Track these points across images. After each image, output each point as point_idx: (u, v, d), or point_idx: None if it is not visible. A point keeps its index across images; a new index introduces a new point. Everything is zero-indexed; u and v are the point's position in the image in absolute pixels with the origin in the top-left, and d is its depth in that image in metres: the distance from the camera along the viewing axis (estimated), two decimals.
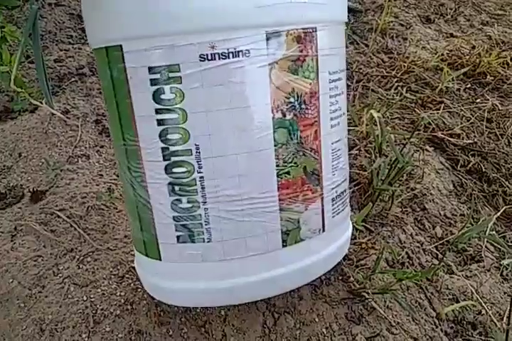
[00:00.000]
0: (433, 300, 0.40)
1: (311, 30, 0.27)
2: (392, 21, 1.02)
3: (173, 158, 0.27)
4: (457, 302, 0.40)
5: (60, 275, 0.36)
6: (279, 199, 0.28)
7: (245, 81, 0.25)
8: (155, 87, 0.25)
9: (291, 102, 0.27)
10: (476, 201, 0.56)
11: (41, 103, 0.56)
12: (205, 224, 0.28)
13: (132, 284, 0.36)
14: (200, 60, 0.25)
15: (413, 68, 0.82)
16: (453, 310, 0.40)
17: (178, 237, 0.28)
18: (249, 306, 0.35)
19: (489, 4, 1.15)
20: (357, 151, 0.56)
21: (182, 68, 0.25)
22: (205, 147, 0.26)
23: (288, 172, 0.28)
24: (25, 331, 0.33)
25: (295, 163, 0.28)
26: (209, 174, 0.27)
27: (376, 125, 0.53)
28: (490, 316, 0.40)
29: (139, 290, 0.36)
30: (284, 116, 0.27)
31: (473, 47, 0.90)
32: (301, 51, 0.26)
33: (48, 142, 0.53)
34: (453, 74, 0.76)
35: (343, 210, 0.33)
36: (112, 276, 0.36)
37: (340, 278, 0.39)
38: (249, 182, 0.27)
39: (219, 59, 0.25)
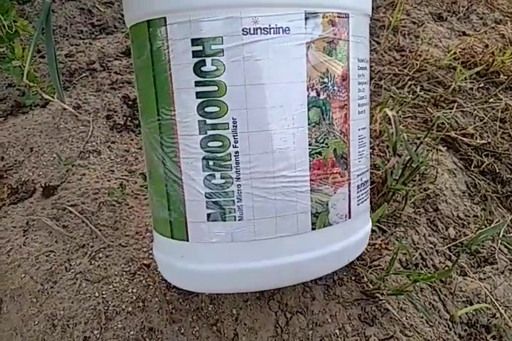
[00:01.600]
0: (447, 303, 0.40)
1: (344, 16, 0.28)
2: (404, 19, 1.01)
3: (210, 132, 0.27)
4: (471, 304, 0.40)
5: (72, 270, 0.36)
6: (311, 180, 0.28)
7: (284, 57, 0.26)
8: (196, 59, 0.26)
9: (325, 82, 0.28)
10: (489, 202, 0.55)
11: (53, 98, 0.56)
12: (237, 202, 0.27)
13: (144, 281, 0.36)
14: (243, 34, 0.25)
15: (425, 66, 0.81)
16: (467, 313, 0.39)
17: (208, 215, 0.28)
18: (262, 305, 0.35)
19: (502, 2, 1.13)
20: (370, 150, 0.55)
21: (225, 41, 0.25)
22: (242, 121, 0.26)
23: (319, 153, 0.28)
24: (37, 326, 0.33)
25: (326, 143, 0.28)
26: (244, 149, 0.27)
27: (390, 123, 0.52)
28: (504, 319, 0.39)
29: (151, 287, 0.35)
30: (318, 95, 0.28)
31: (487, 46, 0.89)
32: (335, 34, 0.28)
33: (59, 137, 0.52)
34: (466, 73, 0.75)
35: (365, 200, 0.33)
36: (124, 273, 0.36)
37: (353, 278, 0.38)
38: (283, 160, 0.27)
39: (261, 34, 0.26)
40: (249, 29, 0.25)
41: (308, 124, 0.27)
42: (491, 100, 0.76)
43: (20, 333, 0.32)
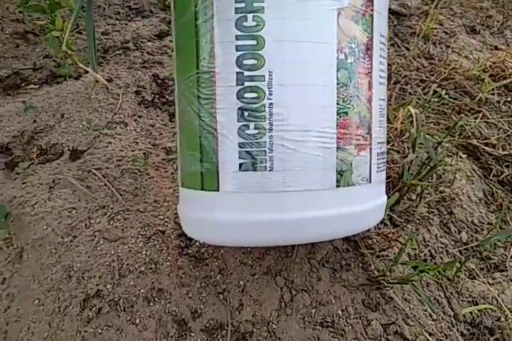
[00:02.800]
0: (452, 300, 0.40)
1: None
2: (436, 28, 1.00)
3: (246, 83, 0.28)
4: (476, 305, 0.40)
5: (92, 228, 0.37)
6: (337, 138, 0.29)
7: (318, 19, 0.28)
8: (238, 15, 0.28)
9: (352, 47, 0.29)
10: (505, 211, 0.55)
11: (87, 67, 0.58)
12: (269, 152, 0.28)
13: (158, 246, 0.37)
14: None
15: (453, 75, 0.81)
16: (471, 313, 0.39)
17: (240, 165, 0.29)
18: (268, 280, 0.36)
19: None
20: (390, 146, 0.55)
21: None
22: (278, 74, 0.28)
23: (346, 113, 0.29)
24: (54, 275, 0.34)
25: (352, 105, 0.30)
26: (278, 101, 0.28)
27: (412, 122, 0.52)
28: (509, 324, 0.39)
29: (164, 252, 0.36)
30: (346, 58, 0.29)
31: None
32: (362, 5, 0.30)
33: (89, 106, 0.54)
34: (494, 85, 0.75)
35: (383, 170, 0.34)
36: (140, 236, 0.37)
37: (360, 265, 0.39)
38: (313, 115, 0.29)
39: None
40: None
41: (337, 84, 0.29)
42: None
43: (38, 280, 0.34)
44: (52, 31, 0.62)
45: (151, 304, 0.33)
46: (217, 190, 0.30)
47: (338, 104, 0.29)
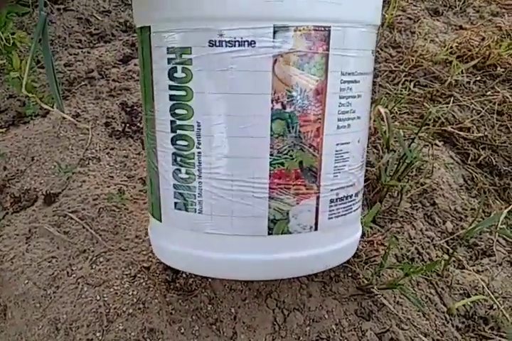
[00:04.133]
0: (443, 296, 0.40)
1: (323, 29, 0.27)
2: (399, 15, 1.01)
3: (179, 131, 0.29)
4: (468, 297, 0.40)
5: (74, 275, 0.37)
6: (270, 188, 0.29)
7: (247, 69, 0.27)
8: (170, 66, 0.28)
9: (292, 96, 0.28)
10: (487, 195, 0.55)
11: (52, 107, 0.57)
12: (198, 196, 0.30)
13: (144, 283, 0.37)
14: (209, 46, 0.27)
15: (421, 62, 0.82)
16: (464, 305, 0.39)
17: (175, 204, 0.31)
18: (259, 303, 0.36)
19: None
20: None
21: (193, 51, 0.27)
22: (205, 125, 0.28)
23: (282, 163, 0.29)
24: (41, 330, 0.34)
25: (290, 155, 0.29)
26: (206, 151, 0.29)
27: (383, 120, 0.52)
28: (502, 311, 0.39)
29: (151, 289, 0.36)
30: (284, 108, 0.28)
31: (483, 39, 0.88)
32: (310, 48, 0.27)
33: (59, 145, 0.54)
34: (462, 67, 0.75)
35: (344, 215, 0.33)
36: (124, 276, 0.37)
37: (349, 274, 0.39)
38: (242, 166, 0.29)
39: (226, 46, 0.27)
40: (215, 41, 0.27)
41: (271, 135, 0.28)
42: (488, 93, 0.76)
43: (25, 337, 0.34)
44: (11, 72, 0.62)
45: None
46: (161, 221, 0.33)
47: (271, 155, 0.28)
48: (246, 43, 0.26)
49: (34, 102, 0.62)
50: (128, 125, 0.60)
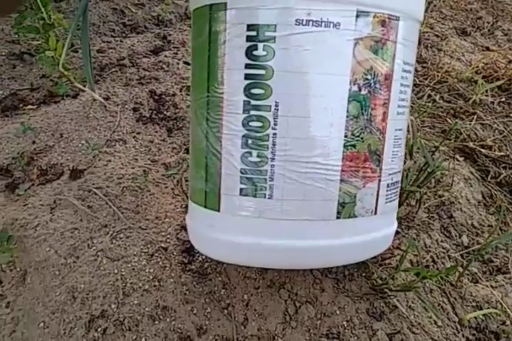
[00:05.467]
0: (456, 306, 0.40)
1: (394, 18, 0.29)
2: (427, 32, 1.01)
3: (252, 112, 0.28)
4: (481, 310, 0.40)
5: (94, 248, 0.37)
6: (342, 170, 0.29)
7: (331, 50, 0.28)
8: (249, 44, 0.28)
9: (367, 79, 0.29)
10: (505, 213, 0.55)
11: (84, 87, 0.58)
12: (269, 180, 0.29)
13: (161, 263, 0.37)
14: (296, 24, 0.27)
15: (446, 78, 0.82)
16: (476, 318, 0.39)
17: (241, 190, 0.29)
18: (272, 293, 0.36)
19: None
20: None
21: (278, 29, 0.27)
22: (284, 105, 0.28)
23: (354, 146, 0.29)
24: (58, 297, 0.34)
25: (362, 138, 0.29)
26: (282, 132, 0.28)
27: (408, 129, 0.53)
28: None
29: (167, 268, 0.37)
30: (360, 90, 0.29)
31: (510, 62, 0.89)
32: (384, 34, 0.29)
33: (88, 125, 0.55)
34: (487, 87, 0.75)
35: (394, 200, 0.34)
36: (142, 254, 0.37)
37: (363, 274, 0.39)
38: (318, 148, 0.29)
39: (312, 26, 0.27)
40: (302, 20, 0.27)
41: (347, 117, 0.29)
42: None
43: (42, 302, 0.34)
44: (47, 51, 0.63)
45: (156, 322, 0.33)
46: (218, 210, 0.31)
47: (346, 136, 0.29)
48: (331, 24, 0.27)
49: (67, 82, 0.63)
50: (155, 112, 0.61)
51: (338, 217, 0.30)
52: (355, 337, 0.34)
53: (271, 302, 0.35)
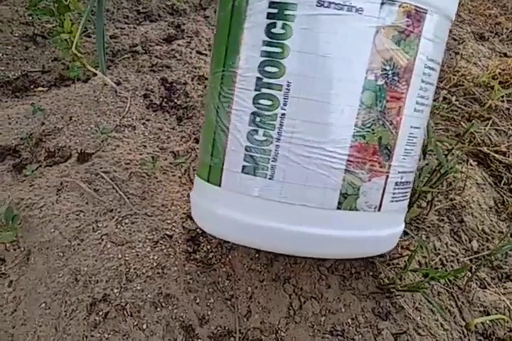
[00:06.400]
0: (463, 310, 0.39)
1: (421, 11, 0.28)
2: None
3: (264, 90, 0.28)
4: (488, 315, 0.39)
5: (99, 231, 0.37)
6: (348, 160, 0.28)
7: (351, 35, 0.27)
8: (269, 21, 0.28)
9: (385, 69, 0.28)
10: None
11: (96, 69, 0.58)
12: (272, 161, 0.28)
13: (165, 250, 0.36)
14: (317, 5, 0.27)
15: (462, 82, 0.81)
16: (483, 323, 0.38)
17: (243, 167, 0.29)
18: (277, 287, 0.35)
19: None
20: None
21: (299, 8, 0.27)
22: (296, 86, 0.27)
23: (363, 136, 0.28)
24: (61, 279, 0.34)
25: (372, 129, 0.28)
26: (291, 113, 0.28)
27: None
28: None
29: (171, 256, 0.36)
30: (376, 80, 0.28)
31: None
32: (408, 26, 0.28)
33: (97, 109, 0.54)
34: (503, 92, 0.74)
35: (402, 201, 0.32)
36: (147, 240, 0.37)
37: (370, 273, 0.38)
38: (325, 133, 0.28)
39: (334, 8, 0.27)
40: (324, 2, 0.26)
41: (359, 105, 0.28)
42: None
43: (45, 283, 0.34)
44: (61, 34, 0.62)
45: (159, 309, 0.32)
46: (219, 185, 0.31)
47: (356, 125, 0.28)
48: (354, 9, 0.26)
49: (79, 66, 0.62)
50: (166, 100, 0.60)
51: (338, 208, 0.29)
52: (360, 336, 0.33)
53: (275, 296, 0.35)
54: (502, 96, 0.76)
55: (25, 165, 0.46)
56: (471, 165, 0.61)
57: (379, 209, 0.30)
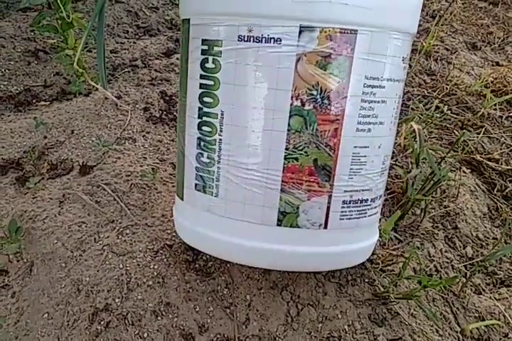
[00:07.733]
0: (458, 316, 0.40)
1: (349, 32, 0.28)
2: (437, 45, 1.02)
3: (204, 118, 0.32)
4: (483, 321, 0.40)
5: (101, 242, 0.38)
6: (282, 181, 0.30)
7: (272, 65, 0.28)
8: (203, 56, 0.31)
9: (312, 94, 0.29)
10: (510, 226, 0.55)
11: (97, 84, 0.59)
12: (216, 181, 0.32)
13: (165, 260, 0.37)
14: (238, 40, 0.29)
15: (455, 91, 0.82)
16: (478, 329, 0.39)
17: (195, 185, 0.33)
18: (274, 295, 0.36)
19: None
20: (394, 161, 0.56)
21: (223, 44, 0.29)
22: (228, 114, 0.30)
23: (296, 159, 0.30)
24: (63, 289, 0.34)
25: (305, 152, 0.30)
26: (226, 138, 0.31)
27: (415, 138, 0.53)
28: None
29: (171, 266, 0.37)
30: (303, 105, 0.29)
31: None
32: (334, 50, 0.28)
33: (99, 123, 0.56)
34: (496, 101, 0.76)
35: (357, 218, 0.33)
36: (148, 250, 0.38)
37: (366, 280, 0.39)
38: (258, 156, 0.30)
39: (253, 41, 0.28)
40: (244, 36, 0.28)
41: (288, 130, 0.29)
42: None
43: (48, 294, 0.34)
44: (66, 50, 0.64)
45: (159, 318, 0.33)
46: (182, 199, 0.35)
47: (287, 149, 0.29)
48: (272, 40, 0.28)
49: (80, 80, 0.64)
50: (165, 112, 0.62)
51: (278, 224, 0.31)
52: None
53: (273, 304, 0.35)
54: (494, 105, 0.78)
55: (28, 177, 0.47)
56: (464, 172, 0.63)
57: (325, 227, 0.31)
